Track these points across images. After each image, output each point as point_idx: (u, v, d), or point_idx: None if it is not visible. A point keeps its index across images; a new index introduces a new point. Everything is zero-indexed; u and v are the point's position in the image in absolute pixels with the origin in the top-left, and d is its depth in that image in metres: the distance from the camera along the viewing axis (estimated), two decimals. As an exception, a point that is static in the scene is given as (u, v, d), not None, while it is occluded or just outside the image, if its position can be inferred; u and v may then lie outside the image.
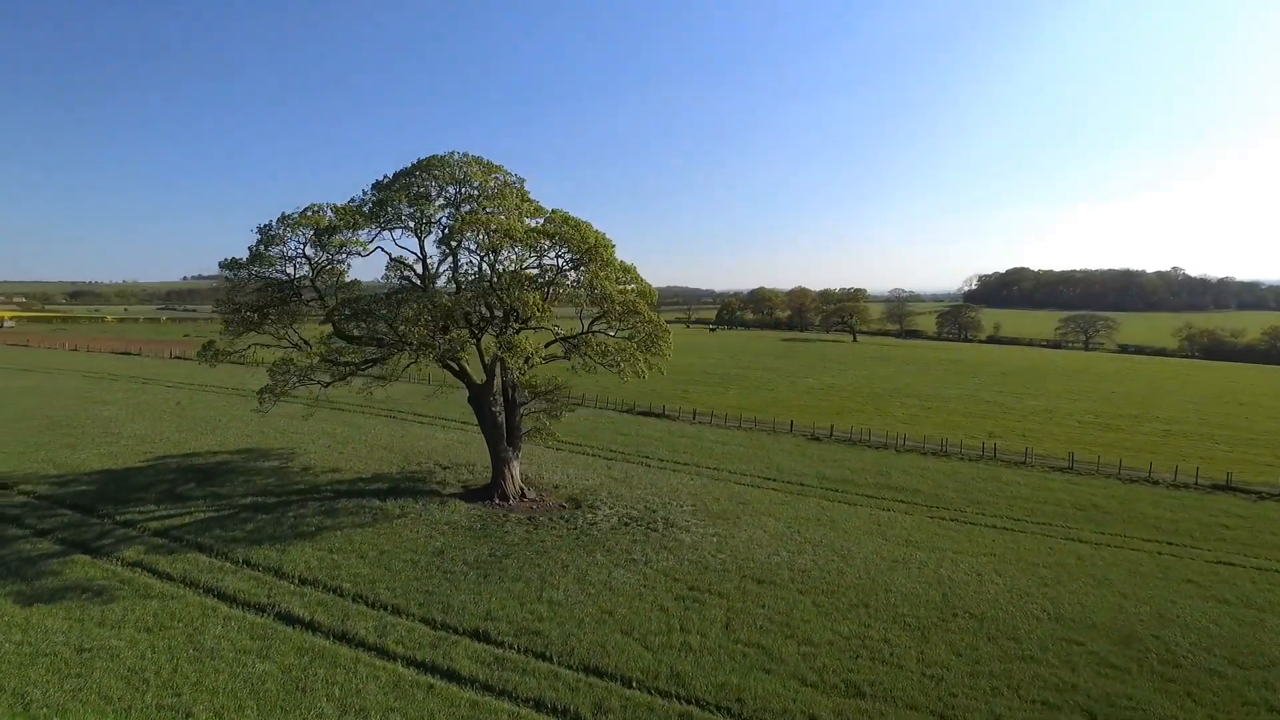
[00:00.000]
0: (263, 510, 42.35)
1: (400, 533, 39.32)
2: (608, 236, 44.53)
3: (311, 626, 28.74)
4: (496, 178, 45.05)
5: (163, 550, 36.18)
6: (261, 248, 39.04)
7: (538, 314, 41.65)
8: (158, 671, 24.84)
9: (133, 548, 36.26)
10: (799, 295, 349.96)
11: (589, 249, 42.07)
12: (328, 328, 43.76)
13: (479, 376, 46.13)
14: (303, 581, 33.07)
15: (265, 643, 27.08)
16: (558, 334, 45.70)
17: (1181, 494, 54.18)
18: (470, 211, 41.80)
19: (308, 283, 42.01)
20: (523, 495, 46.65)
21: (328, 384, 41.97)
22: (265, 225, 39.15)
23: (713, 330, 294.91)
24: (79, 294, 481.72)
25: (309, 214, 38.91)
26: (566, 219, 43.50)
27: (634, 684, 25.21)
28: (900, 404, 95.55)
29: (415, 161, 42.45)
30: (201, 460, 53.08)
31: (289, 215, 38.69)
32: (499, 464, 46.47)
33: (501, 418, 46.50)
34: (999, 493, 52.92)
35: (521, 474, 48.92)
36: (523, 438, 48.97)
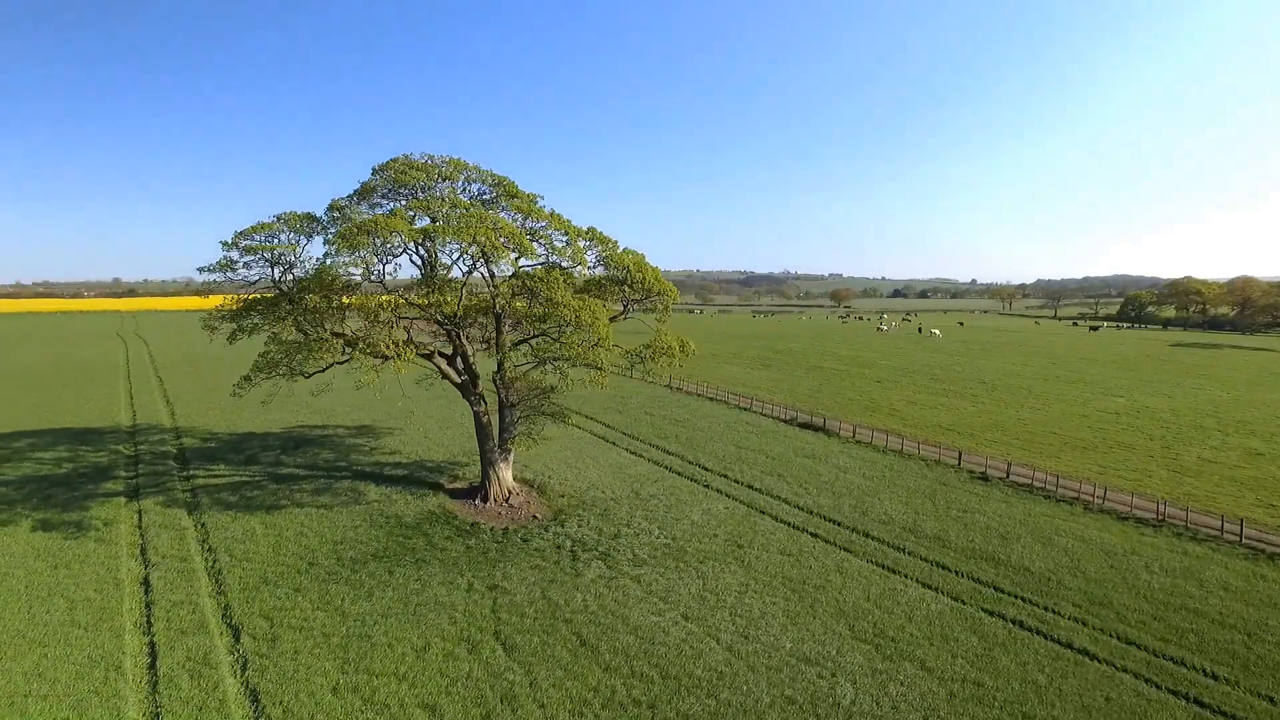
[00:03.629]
0: (278, 480, 48.92)
1: (340, 518, 41.89)
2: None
3: (147, 584, 33.09)
4: (470, 183, 43.73)
5: (174, 502, 44.49)
6: (228, 259, 41.42)
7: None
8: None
9: (157, 497, 45.16)
10: (1243, 287, 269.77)
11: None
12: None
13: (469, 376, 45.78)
14: (211, 549, 37.51)
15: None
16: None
17: None
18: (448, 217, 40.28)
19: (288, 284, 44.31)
20: (508, 498, 45.11)
21: (310, 374, 45.00)
22: (227, 242, 41.11)
23: (1094, 330, 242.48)
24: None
25: (260, 238, 40.03)
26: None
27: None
28: (1221, 447, 65.39)
29: (384, 163, 42.35)
30: (311, 432, 62.99)
31: (243, 234, 40.17)
32: (485, 465, 45.96)
33: (486, 419, 45.50)
34: None
35: (516, 475, 47.72)
36: (514, 440, 47.02)
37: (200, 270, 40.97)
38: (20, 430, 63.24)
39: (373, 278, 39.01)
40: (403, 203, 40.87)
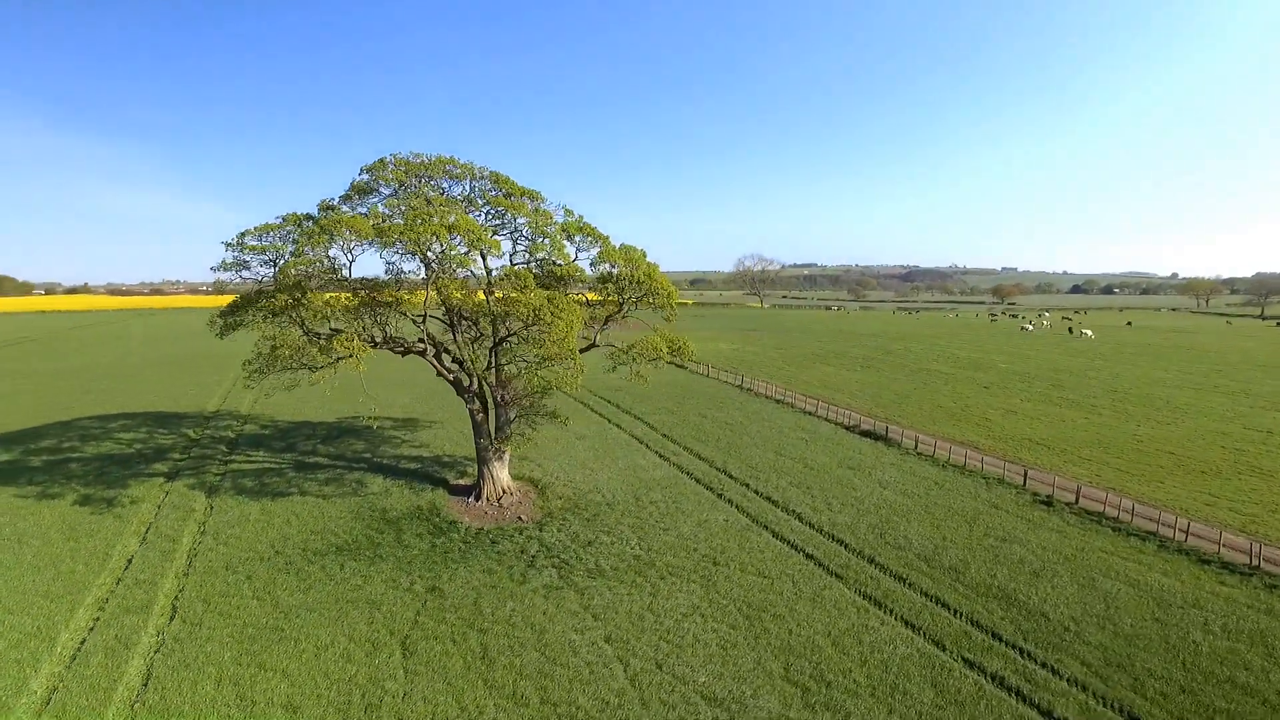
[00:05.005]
0: (300, 468, 51.72)
1: (330, 509, 43.64)
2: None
3: (130, 562, 36.16)
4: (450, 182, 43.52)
5: (200, 485, 48.17)
6: (239, 259, 43.58)
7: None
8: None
9: (190, 479, 49.08)
10: None
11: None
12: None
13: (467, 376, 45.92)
14: (204, 532, 40.20)
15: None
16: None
17: None
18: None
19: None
20: (500, 498, 45.01)
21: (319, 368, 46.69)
22: (229, 242, 43.34)
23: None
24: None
25: (261, 238, 41.70)
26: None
27: None
28: None
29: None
30: (358, 422, 66.13)
31: (245, 234, 42.14)
32: (480, 463, 46.16)
33: (481, 417, 45.51)
34: None
35: (523, 474, 47.45)
36: (509, 440, 46.59)
37: (212, 269, 43.66)
38: (121, 413, 71.40)
39: (337, 276, 39.74)
40: (378, 202, 41.58)
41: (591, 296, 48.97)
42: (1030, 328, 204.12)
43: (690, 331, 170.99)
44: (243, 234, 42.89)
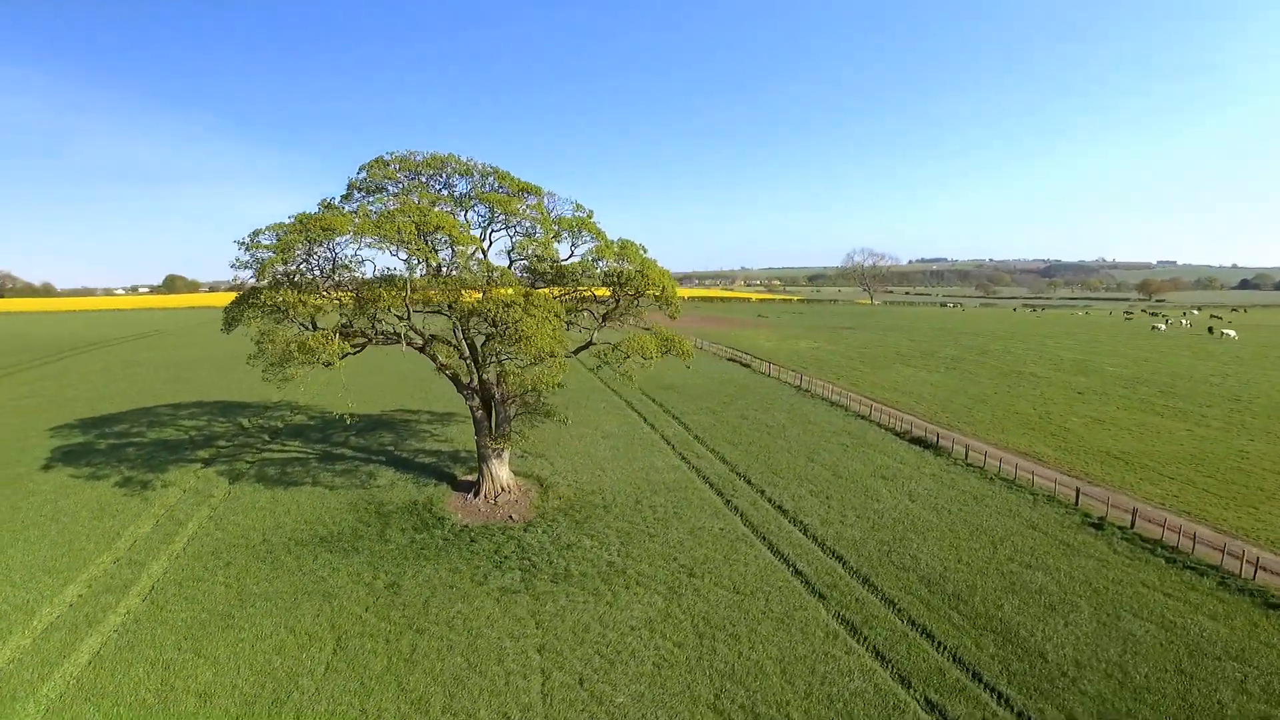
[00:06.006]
0: (324, 459, 53.88)
1: (332, 500, 45.06)
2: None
3: (134, 544, 37.73)
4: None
5: (229, 473, 50.99)
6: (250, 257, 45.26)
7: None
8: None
9: (222, 466, 52.01)
10: None
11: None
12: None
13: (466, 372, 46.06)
14: (212, 519, 42.41)
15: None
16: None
17: None
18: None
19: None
20: (497, 496, 44.95)
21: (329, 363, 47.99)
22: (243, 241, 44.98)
23: None
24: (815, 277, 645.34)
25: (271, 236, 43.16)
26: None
27: None
28: None
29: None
30: (398, 416, 68.02)
31: (256, 234, 43.73)
32: (480, 460, 46.12)
33: (480, 413, 45.52)
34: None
35: (533, 472, 47.48)
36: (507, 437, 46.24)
37: (231, 266, 45.86)
38: (195, 401, 77.14)
39: (316, 274, 40.39)
40: (366, 200, 42.13)
41: (601, 293, 47.85)
42: (1162, 327, 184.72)
43: (776, 330, 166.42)
44: (256, 232, 44.72)
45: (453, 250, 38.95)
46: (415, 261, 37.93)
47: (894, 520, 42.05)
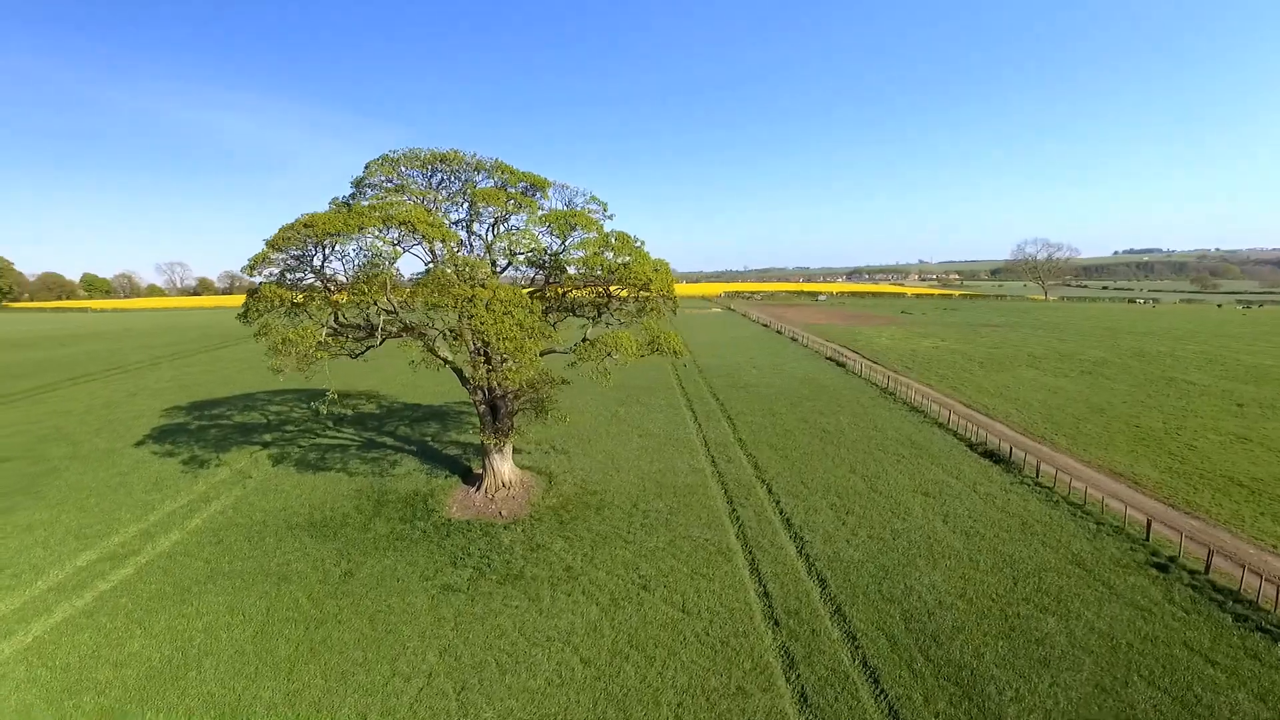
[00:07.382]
0: (367, 446, 56.69)
1: (343, 486, 47.35)
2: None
3: (161, 519, 41.41)
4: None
5: (276, 456, 54.84)
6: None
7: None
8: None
9: (275, 450, 56.08)
10: None
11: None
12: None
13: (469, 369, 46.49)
14: (236, 499, 45.54)
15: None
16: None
17: None
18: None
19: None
20: (497, 492, 45.15)
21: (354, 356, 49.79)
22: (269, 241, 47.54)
23: None
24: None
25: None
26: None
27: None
28: None
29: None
30: (454, 407, 70.17)
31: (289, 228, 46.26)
32: (483, 455, 46.49)
33: (482, 409, 45.78)
34: None
35: (543, 468, 47.69)
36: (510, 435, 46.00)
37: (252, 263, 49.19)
38: (291, 389, 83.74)
39: (307, 272, 41.92)
40: (362, 197, 43.24)
41: (621, 293, 46.27)
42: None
43: (906, 327, 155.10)
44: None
45: (427, 246, 39.19)
46: (387, 255, 38.61)
47: (909, 543, 37.43)
